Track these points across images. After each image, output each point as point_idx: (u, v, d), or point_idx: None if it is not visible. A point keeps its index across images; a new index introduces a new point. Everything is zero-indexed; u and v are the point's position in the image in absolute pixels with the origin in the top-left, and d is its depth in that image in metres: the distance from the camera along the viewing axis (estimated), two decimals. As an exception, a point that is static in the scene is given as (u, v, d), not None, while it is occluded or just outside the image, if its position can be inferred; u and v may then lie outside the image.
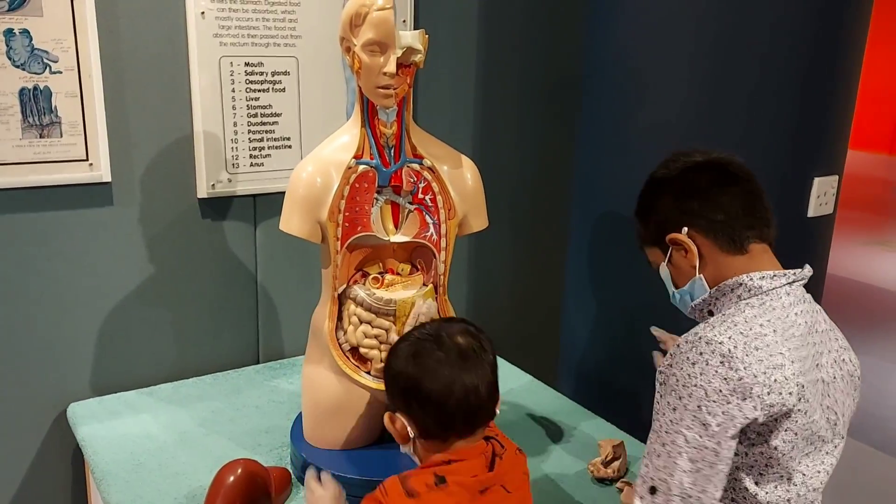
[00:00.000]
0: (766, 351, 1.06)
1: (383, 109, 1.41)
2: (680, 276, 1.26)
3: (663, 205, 1.26)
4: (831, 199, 1.84)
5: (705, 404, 1.05)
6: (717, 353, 1.06)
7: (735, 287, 1.17)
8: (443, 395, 1.12)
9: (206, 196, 1.88)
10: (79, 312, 1.81)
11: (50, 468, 1.84)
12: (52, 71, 1.63)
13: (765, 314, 1.12)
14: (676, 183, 1.26)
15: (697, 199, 1.21)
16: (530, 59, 2.35)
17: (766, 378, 1.05)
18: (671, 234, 1.23)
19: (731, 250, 1.19)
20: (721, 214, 1.19)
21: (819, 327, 1.19)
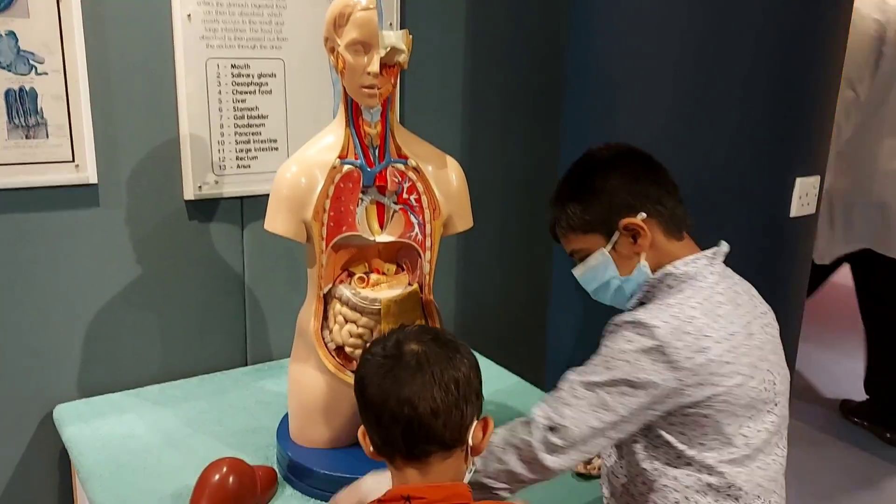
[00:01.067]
0: (694, 335, 1.11)
1: (367, 109, 1.43)
2: (621, 264, 1.24)
3: (616, 188, 1.22)
4: (813, 199, 1.85)
5: (631, 379, 1.11)
6: (649, 336, 1.11)
7: (663, 278, 1.21)
8: (377, 404, 1.01)
9: (193, 198, 1.89)
10: (65, 314, 1.81)
11: (36, 469, 1.84)
12: (38, 72, 1.63)
13: (694, 296, 1.16)
14: (627, 166, 1.24)
15: (651, 183, 1.22)
16: (515, 62, 2.37)
17: (691, 363, 1.10)
18: (627, 219, 1.21)
19: (674, 236, 1.23)
20: (670, 200, 1.22)
21: (740, 299, 1.22)
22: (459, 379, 1.02)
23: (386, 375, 1.01)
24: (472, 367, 1.05)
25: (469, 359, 1.05)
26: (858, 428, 3.57)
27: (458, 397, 1.00)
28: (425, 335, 1.06)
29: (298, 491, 1.50)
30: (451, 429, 1.00)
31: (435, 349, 1.03)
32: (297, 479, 1.51)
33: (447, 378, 1.01)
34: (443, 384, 1.00)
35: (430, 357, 1.02)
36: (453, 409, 1.00)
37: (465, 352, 1.06)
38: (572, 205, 1.25)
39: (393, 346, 1.04)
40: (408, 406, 0.98)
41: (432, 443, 1.00)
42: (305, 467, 1.49)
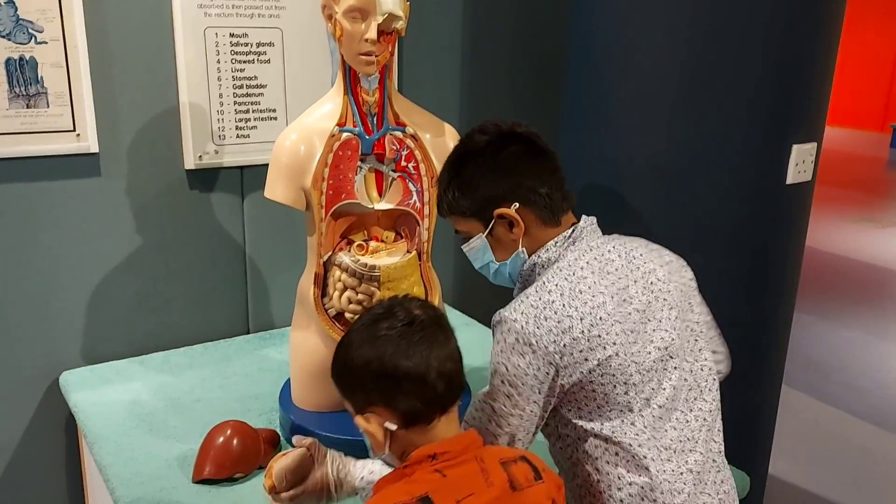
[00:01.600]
0: (555, 319, 1.14)
1: (365, 77, 1.43)
2: (500, 249, 1.27)
3: (489, 178, 1.23)
4: (810, 166, 1.86)
5: (507, 378, 1.15)
6: (512, 331, 1.15)
7: (532, 269, 1.24)
8: (420, 371, 1.04)
9: (194, 167, 1.90)
10: (68, 283, 1.83)
11: (44, 434, 1.87)
12: (38, 41, 1.64)
13: (552, 279, 1.18)
14: (501, 156, 1.24)
15: (524, 173, 1.22)
16: (516, 33, 2.36)
17: (556, 346, 1.13)
18: (500, 209, 1.22)
19: (550, 223, 1.24)
20: (545, 188, 1.22)
21: (611, 266, 1.22)
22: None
23: (418, 342, 1.05)
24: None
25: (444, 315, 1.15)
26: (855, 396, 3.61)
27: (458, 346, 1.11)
28: (411, 302, 1.12)
29: (300, 453, 1.53)
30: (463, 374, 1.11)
31: (434, 308, 1.13)
32: (299, 441, 1.54)
33: (451, 330, 1.11)
34: (453, 337, 1.10)
35: (436, 317, 1.10)
36: (461, 357, 1.11)
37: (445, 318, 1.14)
38: (452, 191, 1.27)
39: (405, 316, 1.07)
40: (450, 360, 1.07)
41: (460, 389, 1.10)
42: (307, 430, 1.51)
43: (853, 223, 6.90)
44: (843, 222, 6.88)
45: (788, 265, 1.97)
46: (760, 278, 1.91)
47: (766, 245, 1.87)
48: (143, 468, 1.46)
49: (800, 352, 3.96)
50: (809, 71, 1.79)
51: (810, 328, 4.35)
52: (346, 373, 1.10)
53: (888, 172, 9.96)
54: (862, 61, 11.72)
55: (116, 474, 1.44)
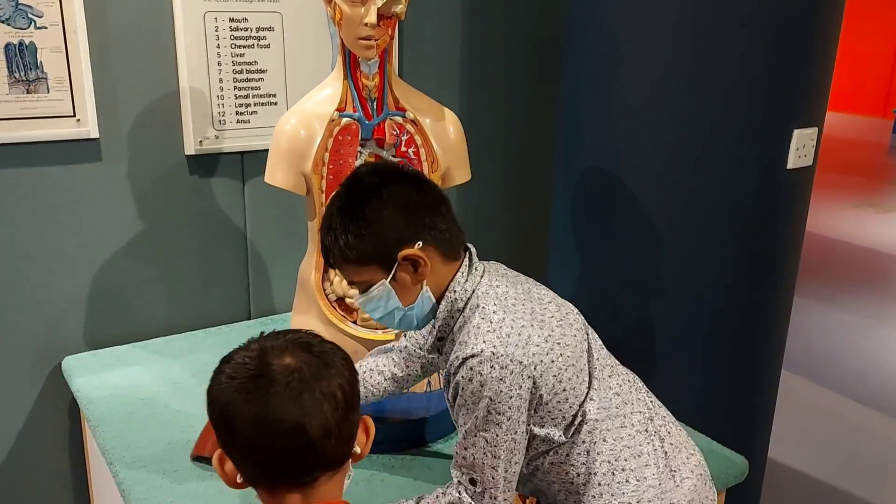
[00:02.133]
0: (515, 333, 1.14)
1: (365, 61, 1.43)
2: (404, 293, 1.19)
3: (391, 219, 1.15)
4: (811, 151, 1.86)
5: (493, 407, 1.13)
6: (485, 361, 1.12)
7: (450, 308, 1.20)
8: (253, 436, 0.86)
9: (194, 153, 1.90)
10: (70, 268, 1.84)
11: (47, 418, 1.89)
12: (37, 26, 1.63)
13: (486, 304, 1.17)
14: (398, 194, 1.17)
15: (425, 210, 1.17)
16: (516, 18, 2.35)
17: (529, 359, 1.14)
18: (406, 251, 1.15)
19: (451, 258, 1.21)
20: (445, 224, 1.19)
21: (511, 278, 1.26)
22: (344, 386, 0.89)
23: (258, 400, 0.85)
24: (349, 367, 0.93)
25: (345, 358, 0.93)
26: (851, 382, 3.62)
27: (346, 408, 0.89)
28: (293, 345, 0.90)
29: (302, 437, 1.54)
30: (341, 445, 0.90)
31: (310, 359, 0.89)
32: (301, 425, 1.55)
33: (333, 388, 0.88)
34: (331, 399, 0.87)
35: (311, 370, 0.88)
36: (343, 422, 0.89)
37: (339, 352, 0.93)
38: (346, 237, 1.15)
39: (257, 365, 0.87)
40: (297, 433, 0.85)
41: (322, 466, 0.90)
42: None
43: (854, 208, 6.90)
44: (844, 207, 6.88)
45: (788, 250, 1.97)
46: (760, 263, 1.92)
47: (766, 230, 1.87)
48: (144, 452, 1.47)
49: (800, 336, 3.97)
50: (810, 55, 1.79)
51: (810, 313, 4.36)
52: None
53: (889, 157, 9.93)
54: (864, 47, 11.66)
55: (119, 457, 1.45)
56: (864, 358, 3.89)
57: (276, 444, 0.86)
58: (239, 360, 0.89)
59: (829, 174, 7.91)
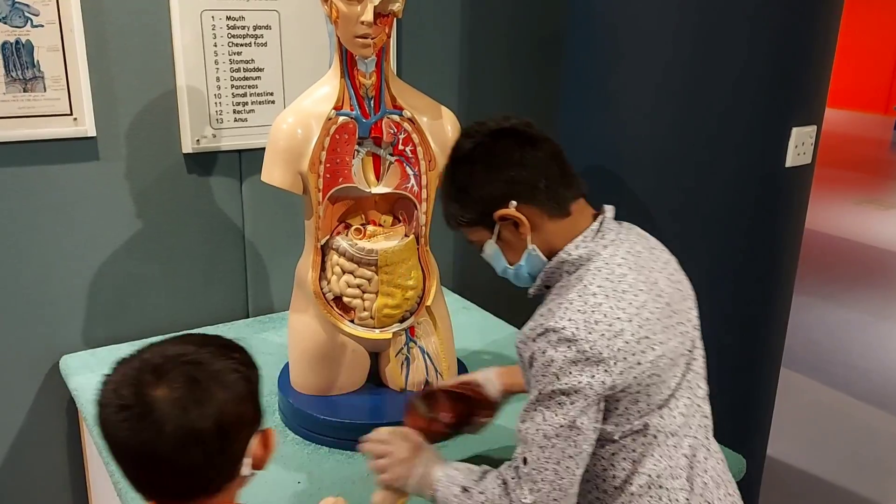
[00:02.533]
0: (605, 322, 1.08)
1: (362, 60, 1.43)
2: (511, 252, 1.21)
3: (482, 182, 1.17)
4: (809, 149, 1.85)
5: (559, 388, 1.08)
6: (563, 340, 1.07)
7: (560, 265, 1.17)
8: (130, 460, 0.87)
9: (192, 151, 1.90)
10: (67, 267, 1.83)
11: (45, 417, 1.89)
12: (34, 25, 1.63)
13: (594, 280, 1.12)
14: (489, 156, 1.18)
15: (517, 168, 1.16)
16: (515, 14, 2.34)
17: (610, 351, 1.07)
18: (500, 211, 1.16)
19: (557, 215, 1.17)
20: (543, 180, 1.16)
21: (642, 259, 1.18)
22: (225, 417, 0.85)
23: (133, 432, 0.84)
24: (242, 382, 0.88)
25: (237, 371, 0.88)
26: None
27: (229, 439, 0.87)
28: (173, 369, 0.86)
29: (300, 437, 1.54)
30: (224, 475, 0.89)
31: (186, 391, 0.84)
32: (298, 425, 1.55)
33: (209, 424, 0.84)
34: (199, 439, 0.84)
35: (185, 403, 0.83)
36: (222, 454, 0.87)
37: (229, 367, 0.88)
38: (451, 204, 1.22)
39: (132, 395, 0.84)
40: (169, 470, 0.85)
41: (201, 493, 0.89)
42: (306, 414, 1.52)
43: (856, 205, 6.89)
44: (846, 204, 6.87)
45: (788, 248, 1.97)
46: (759, 261, 1.91)
47: (765, 228, 1.87)
48: (143, 451, 1.47)
49: (801, 333, 3.97)
50: (809, 53, 1.78)
51: (812, 309, 4.36)
52: None
53: (892, 154, 9.91)
54: (866, 44, 11.63)
55: (117, 457, 1.45)
56: (865, 354, 3.89)
57: (152, 472, 0.86)
58: (114, 390, 0.86)
59: (831, 171, 7.90)
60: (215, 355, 0.88)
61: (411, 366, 1.61)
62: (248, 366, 0.90)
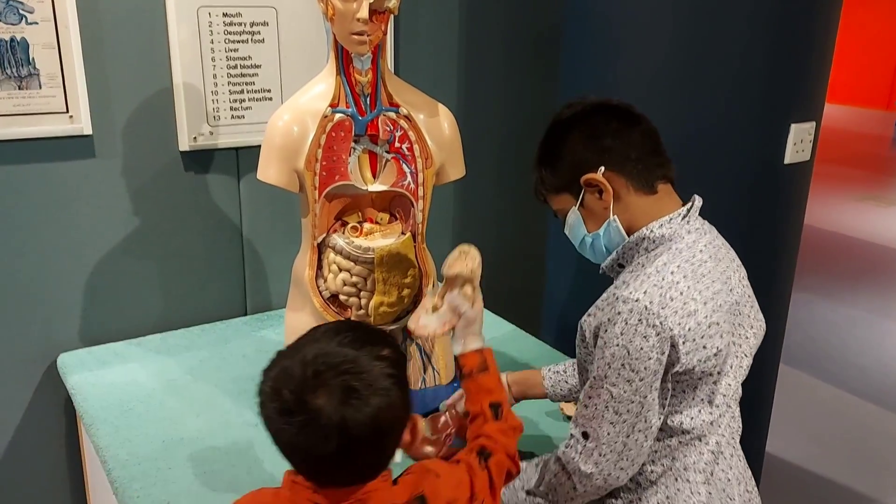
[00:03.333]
0: (680, 300, 1.08)
1: (358, 57, 1.42)
2: (592, 220, 1.22)
3: (575, 145, 1.20)
4: (808, 146, 1.85)
5: (628, 362, 1.08)
6: (635, 312, 1.07)
7: (640, 241, 1.18)
8: (278, 445, 0.94)
9: (189, 149, 1.89)
10: (64, 265, 1.83)
11: (43, 415, 1.88)
12: (29, 22, 1.62)
13: (674, 260, 1.12)
14: (586, 123, 1.21)
15: (611, 137, 1.18)
16: (512, 11, 2.33)
17: (681, 329, 1.07)
18: (587, 175, 1.18)
19: (643, 190, 1.18)
20: (634, 152, 1.18)
21: (720, 253, 1.20)
22: (381, 421, 0.90)
23: (298, 436, 0.90)
24: (395, 388, 0.92)
25: (391, 377, 0.92)
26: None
27: (385, 438, 0.93)
28: (333, 378, 0.89)
29: (296, 434, 1.54)
30: (381, 464, 0.96)
31: (345, 399, 0.88)
32: (295, 423, 1.54)
33: (367, 430, 0.89)
34: (364, 439, 0.90)
35: (345, 413, 0.88)
36: (380, 451, 0.95)
37: (384, 373, 0.91)
38: (543, 168, 1.25)
39: (294, 401, 0.89)
40: (332, 466, 0.91)
41: (360, 482, 0.95)
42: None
43: (857, 201, 6.87)
44: (847, 200, 6.85)
45: (786, 245, 1.96)
46: (758, 259, 1.90)
47: (763, 225, 1.86)
48: (139, 449, 1.47)
49: (801, 330, 3.96)
50: (808, 49, 1.77)
51: (812, 306, 4.35)
52: None
53: (893, 150, 9.89)
54: (867, 39, 11.60)
55: (113, 455, 1.45)
56: (865, 352, 3.89)
57: (291, 453, 0.93)
58: (276, 383, 0.91)
59: (832, 167, 7.89)
60: (370, 359, 0.92)
61: (408, 364, 1.60)
62: (398, 366, 0.95)
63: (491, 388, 1.19)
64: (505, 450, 1.13)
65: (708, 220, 1.84)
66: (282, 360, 0.94)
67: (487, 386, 1.19)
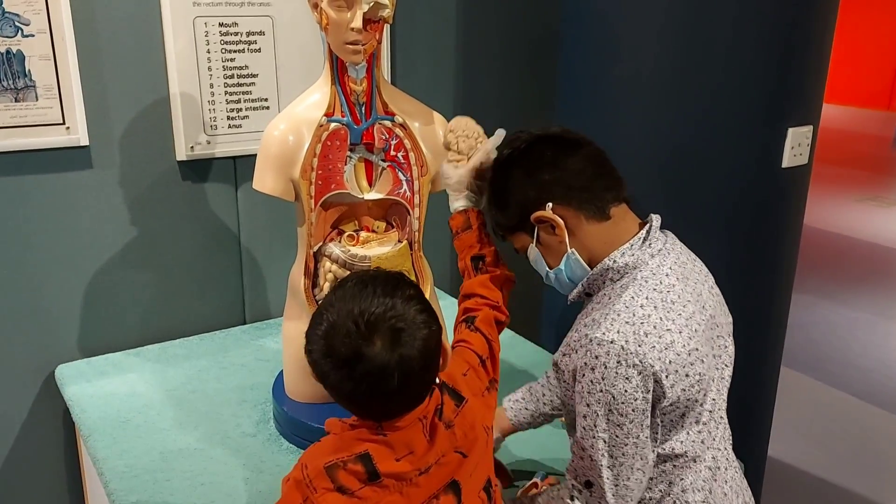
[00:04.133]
0: (655, 334, 1.06)
1: (353, 66, 1.42)
2: (551, 255, 1.21)
3: (518, 184, 1.19)
4: (806, 149, 1.84)
5: (615, 407, 1.06)
6: (612, 354, 1.05)
7: (603, 272, 1.15)
8: (335, 391, 0.99)
9: (186, 158, 1.89)
10: (62, 276, 1.83)
11: (41, 427, 1.88)
12: (25, 34, 1.63)
13: (641, 292, 1.10)
14: (525, 159, 1.20)
15: (549, 170, 1.16)
16: (508, 15, 2.34)
17: (662, 363, 1.05)
18: (536, 213, 1.17)
19: (595, 217, 1.16)
20: (578, 181, 1.15)
21: (687, 270, 1.17)
22: (426, 352, 0.99)
23: (357, 384, 0.96)
24: (434, 322, 1.00)
25: (426, 313, 1.00)
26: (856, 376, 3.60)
27: (430, 365, 1.01)
28: (382, 326, 0.97)
29: (294, 445, 1.53)
30: (428, 388, 1.03)
31: (396, 341, 0.97)
32: (293, 434, 1.54)
33: (417, 363, 0.98)
34: (415, 370, 0.98)
35: (400, 350, 0.96)
36: (427, 377, 1.02)
37: (422, 318, 0.99)
38: (493, 209, 1.26)
39: (351, 353, 0.96)
40: (392, 400, 0.98)
41: (414, 407, 1.01)
42: (300, 422, 1.52)
43: (858, 202, 6.87)
44: (848, 201, 6.84)
45: (785, 248, 1.96)
46: (757, 262, 1.90)
47: (762, 229, 1.86)
48: (137, 461, 1.47)
49: (802, 332, 3.95)
50: (804, 53, 1.77)
51: (813, 308, 4.34)
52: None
53: (893, 151, 9.89)
54: (867, 40, 11.60)
55: (111, 467, 1.45)
56: (867, 354, 3.87)
57: (380, 405, 0.99)
58: (329, 338, 0.97)
59: (832, 168, 7.88)
60: (404, 301, 1.00)
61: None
62: (423, 299, 1.02)
63: (472, 243, 1.30)
64: (487, 303, 1.23)
65: (707, 225, 1.85)
66: (324, 318, 0.99)
67: (469, 242, 1.31)
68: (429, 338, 0.99)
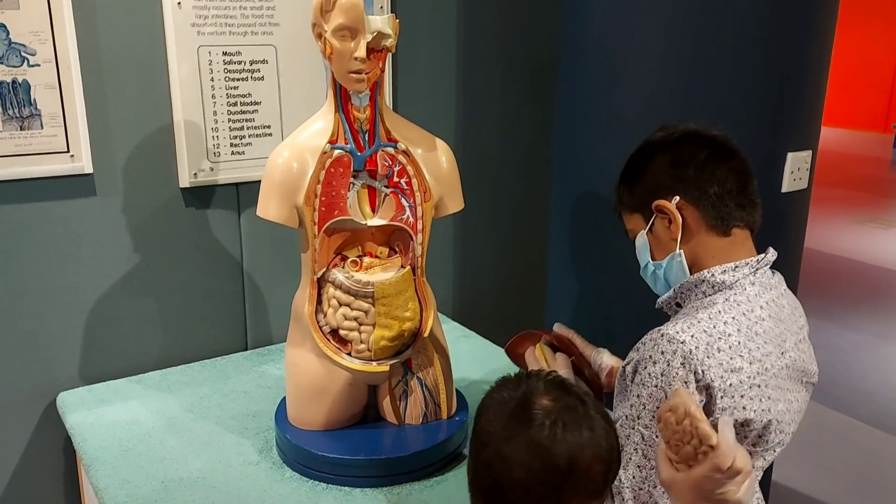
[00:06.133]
0: (728, 353, 1.03)
1: (356, 94, 1.43)
2: (658, 248, 1.18)
3: (656, 169, 1.17)
4: (805, 174, 1.85)
5: (661, 404, 1.03)
6: (679, 354, 1.02)
7: (699, 283, 1.13)
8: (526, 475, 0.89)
9: (189, 185, 1.90)
10: (65, 303, 1.83)
11: (42, 456, 1.87)
12: (31, 64, 1.64)
13: (729, 310, 1.07)
14: (674, 149, 1.17)
15: (694, 168, 1.13)
16: (509, 44, 2.36)
17: (722, 382, 1.02)
18: (659, 201, 1.15)
19: (716, 229, 1.13)
20: (715, 187, 1.12)
21: (783, 313, 1.14)
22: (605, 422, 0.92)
23: (539, 484, 0.89)
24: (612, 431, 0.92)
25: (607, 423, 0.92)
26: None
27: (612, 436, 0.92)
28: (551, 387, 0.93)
29: (297, 473, 1.52)
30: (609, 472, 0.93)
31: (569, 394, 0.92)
32: (296, 461, 1.53)
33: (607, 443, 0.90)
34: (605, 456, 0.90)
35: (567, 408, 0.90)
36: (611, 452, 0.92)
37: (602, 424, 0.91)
38: (623, 185, 1.24)
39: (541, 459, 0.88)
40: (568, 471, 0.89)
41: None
42: (303, 450, 1.51)
43: (858, 224, 6.88)
44: (848, 223, 6.86)
45: (787, 272, 1.95)
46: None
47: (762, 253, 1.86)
48: (138, 490, 1.46)
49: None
50: (803, 78, 1.79)
51: (814, 331, 4.32)
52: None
53: (891, 173, 9.93)
54: (863, 62, 11.71)
55: (112, 497, 1.44)
56: (869, 376, 3.86)
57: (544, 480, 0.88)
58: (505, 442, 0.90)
59: (832, 190, 7.91)
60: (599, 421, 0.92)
61: (409, 398, 1.60)
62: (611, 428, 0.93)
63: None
64: None
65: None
66: (500, 408, 0.93)
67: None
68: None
